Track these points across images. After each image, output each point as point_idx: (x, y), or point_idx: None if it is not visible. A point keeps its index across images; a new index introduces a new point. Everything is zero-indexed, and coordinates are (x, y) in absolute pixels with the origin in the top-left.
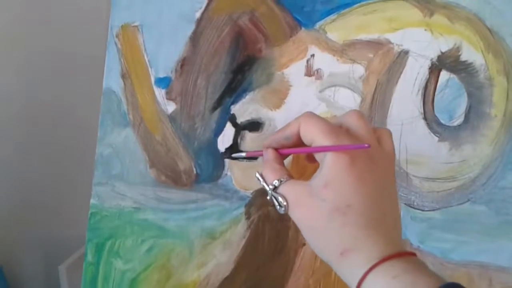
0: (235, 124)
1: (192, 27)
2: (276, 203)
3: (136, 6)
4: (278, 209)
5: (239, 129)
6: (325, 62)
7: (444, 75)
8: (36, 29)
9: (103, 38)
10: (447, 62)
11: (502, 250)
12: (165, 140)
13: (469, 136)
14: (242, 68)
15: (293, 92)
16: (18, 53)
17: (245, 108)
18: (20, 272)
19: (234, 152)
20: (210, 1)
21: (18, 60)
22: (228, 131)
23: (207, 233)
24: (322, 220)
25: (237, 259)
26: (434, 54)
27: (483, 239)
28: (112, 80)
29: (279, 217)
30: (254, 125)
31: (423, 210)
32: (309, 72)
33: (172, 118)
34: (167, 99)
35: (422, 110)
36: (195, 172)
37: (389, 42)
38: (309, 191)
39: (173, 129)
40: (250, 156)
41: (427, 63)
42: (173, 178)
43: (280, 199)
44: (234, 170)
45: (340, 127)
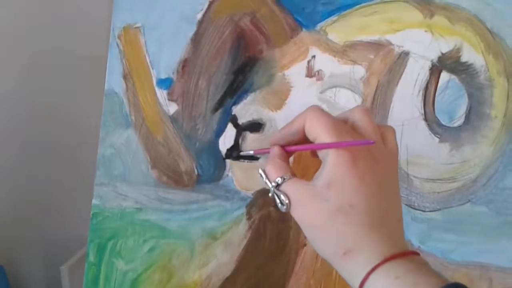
0: (236, 125)
1: (193, 29)
2: (278, 201)
3: (138, 8)
4: (279, 207)
5: (240, 130)
6: (326, 63)
7: (444, 76)
8: (38, 30)
9: (105, 39)
10: (448, 63)
11: (503, 250)
12: (166, 141)
13: (469, 137)
14: (243, 69)
15: (294, 93)
16: (21, 54)
17: (246, 109)
18: (22, 272)
19: (236, 153)
20: (211, 2)
21: (20, 61)
22: (229, 132)
23: (208, 234)
24: (325, 220)
25: (238, 260)
26: (434, 55)
27: (483, 240)
28: (114, 81)
29: (280, 217)
30: (255, 126)
31: (423, 211)
32: (310, 73)
33: (173, 119)
34: (168, 100)
35: (422, 111)
36: (196, 172)
37: (389, 43)
38: (311, 190)
39: (175, 130)
40: (257, 154)
41: (428, 64)
42: (175, 178)
43: (282, 197)
44: (235, 170)
45: (345, 123)
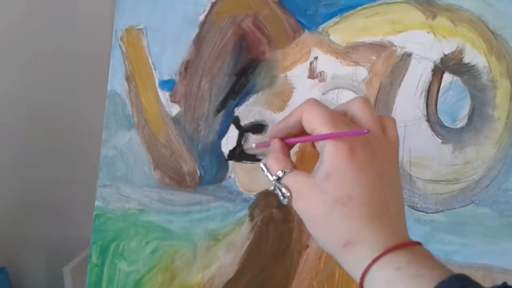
0: (238, 127)
1: (196, 30)
2: (279, 193)
3: (140, 10)
4: (281, 199)
5: (243, 131)
6: (328, 64)
7: (447, 77)
8: (40, 31)
9: (107, 41)
10: (450, 64)
11: (506, 252)
12: (169, 142)
13: (472, 138)
14: (246, 71)
15: (297, 95)
16: (23, 56)
17: (248, 111)
18: (24, 274)
19: (239, 149)
20: (213, 4)
21: (23, 63)
22: (232, 134)
23: (211, 235)
24: (325, 212)
25: (240, 261)
26: (437, 56)
27: (486, 241)
28: (117, 83)
29: (282, 218)
30: (258, 127)
31: (426, 212)
32: (312, 75)
33: (176, 120)
34: (171, 101)
35: (425, 112)
36: (199, 174)
37: (392, 44)
38: (311, 183)
39: (177, 131)
40: (259, 147)
41: (430, 66)
42: (177, 180)
43: (284, 190)
44: (237, 172)
45: (344, 115)
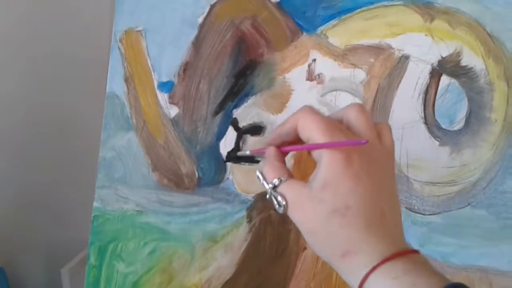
0: (237, 128)
1: (194, 32)
2: (275, 202)
3: (139, 12)
4: (277, 208)
5: (241, 133)
6: (327, 66)
7: (444, 79)
8: (40, 33)
9: (106, 42)
10: (448, 67)
11: (503, 254)
12: (167, 144)
13: (469, 141)
14: (244, 73)
15: (295, 97)
16: (23, 57)
17: (247, 112)
18: (22, 275)
19: (233, 153)
20: (212, 6)
21: (22, 64)
22: (230, 135)
23: (208, 237)
24: (322, 222)
25: (238, 262)
26: (434, 59)
27: (483, 243)
28: (116, 84)
29: (280, 220)
30: (256, 129)
31: (423, 214)
32: (310, 77)
33: (174, 122)
34: (169, 103)
35: (422, 114)
36: (197, 175)
37: (390, 47)
38: (308, 192)
39: (176, 133)
40: (253, 154)
41: (428, 68)
42: (176, 181)
43: (279, 198)
44: (235, 173)
45: (339, 123)
